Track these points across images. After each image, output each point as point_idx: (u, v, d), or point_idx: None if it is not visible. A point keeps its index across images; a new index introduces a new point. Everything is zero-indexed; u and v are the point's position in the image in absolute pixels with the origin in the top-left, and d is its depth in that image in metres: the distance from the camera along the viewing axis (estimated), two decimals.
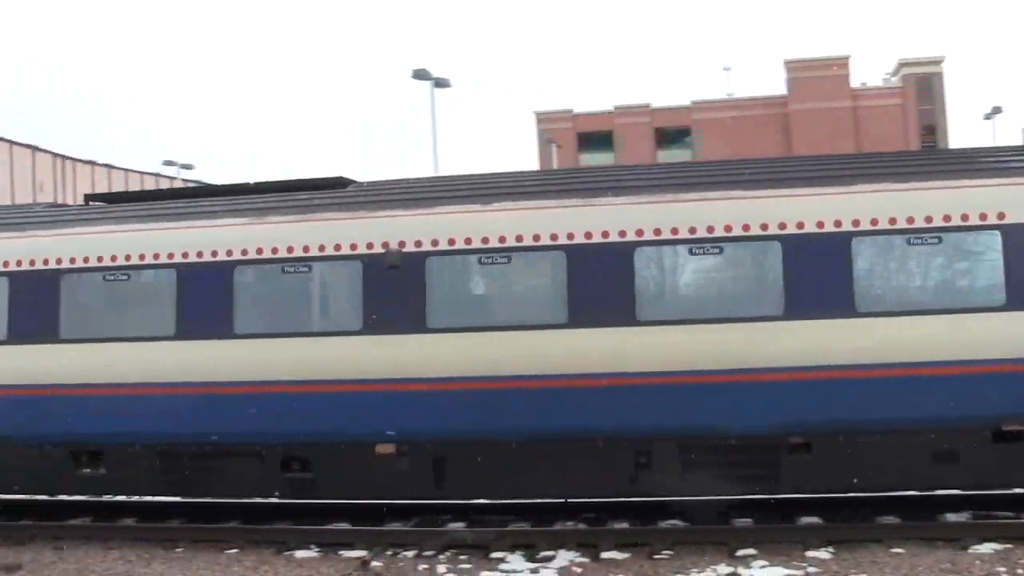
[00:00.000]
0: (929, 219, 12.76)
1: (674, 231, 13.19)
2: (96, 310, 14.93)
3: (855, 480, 13.17)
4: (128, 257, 14.42)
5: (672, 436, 13.09)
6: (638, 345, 13.05)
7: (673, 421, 12.97)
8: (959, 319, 12.59)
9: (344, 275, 13.93)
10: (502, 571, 12.28)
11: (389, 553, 13.04)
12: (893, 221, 12.86)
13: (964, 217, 12.71)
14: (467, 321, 13.53)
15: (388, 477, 13.78)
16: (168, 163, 46.68)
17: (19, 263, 14.73)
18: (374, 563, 12.65)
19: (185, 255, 14.22)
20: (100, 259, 14.52)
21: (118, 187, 46.26)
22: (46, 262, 14.71)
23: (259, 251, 14.05)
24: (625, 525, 13.96)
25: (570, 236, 13.33)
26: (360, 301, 13.65)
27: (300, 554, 13.58)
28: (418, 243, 13.58)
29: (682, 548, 12.84)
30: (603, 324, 13.08)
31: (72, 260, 14.63)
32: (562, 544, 12.94)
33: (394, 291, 13.55)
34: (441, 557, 12.86)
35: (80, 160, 44.70)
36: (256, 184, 15.86)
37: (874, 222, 12.87)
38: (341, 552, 13.26)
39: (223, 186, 16.83)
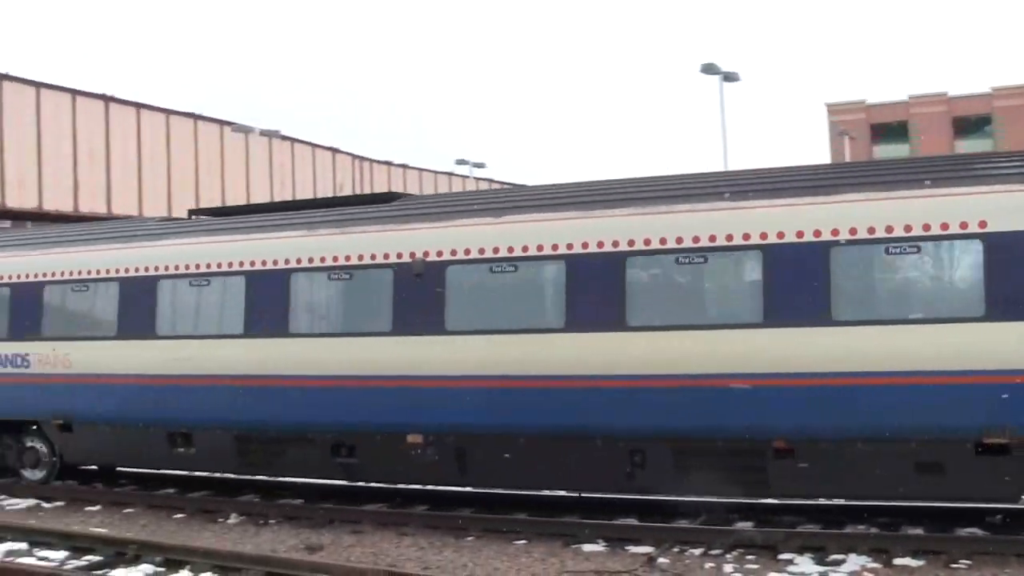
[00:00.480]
0: (908, 228, 12.70)
1: (663, 241, 13.71)
2: (184, 310, 16.87)
3: (838, 487, 13.53)
4: (208, 265, 16.38)
5: (665, 437, 13.52)
6: (628, 349, 13.56)
7: (665, 423, 13.38)
8: (937, 329, 12.56)
9: (379, 282, 15.13)
10: (790, 573, 11.88)
11: (676, 550, 12.81)
12: (871, 231, 12.87)
13: (943, 226, 12.60)
14: (481, 325, 14.49)
15: (417, 464, 15.02)
16: (461, 162, 47.85)
17: (127, 270, 17.11)
18: (660, 559, 12.44)
19: (252, 263, 16.11)
20: (187, 267, 16.55)
21: (413, 186, 47.57)
22: (147, 269, 16.92)
23: (310, 260, 15.63)
24: (920, 531, 13.37)
25: (569, 247, 14.12)
26: (390, 305, 14.89)
27: (588, 547, 13.52)
28: (439, 253, 14.74)
29: (981, 558, 12.07)
30: (597, 329, 13.77)
31: (166, 268, 16.75)
32: (853, 548, 12.40)
33: (419, 297, 14.70)
34: (728, 556, 12.53)
35: (377, 160, 46.29)
36: (315, 200, 18.28)
37: (852, 231, 12.92)
38: (628, 547, 13.12)
39: (288, 202, 19.00)
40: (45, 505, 18.57)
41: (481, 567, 13.03)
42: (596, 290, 13.82)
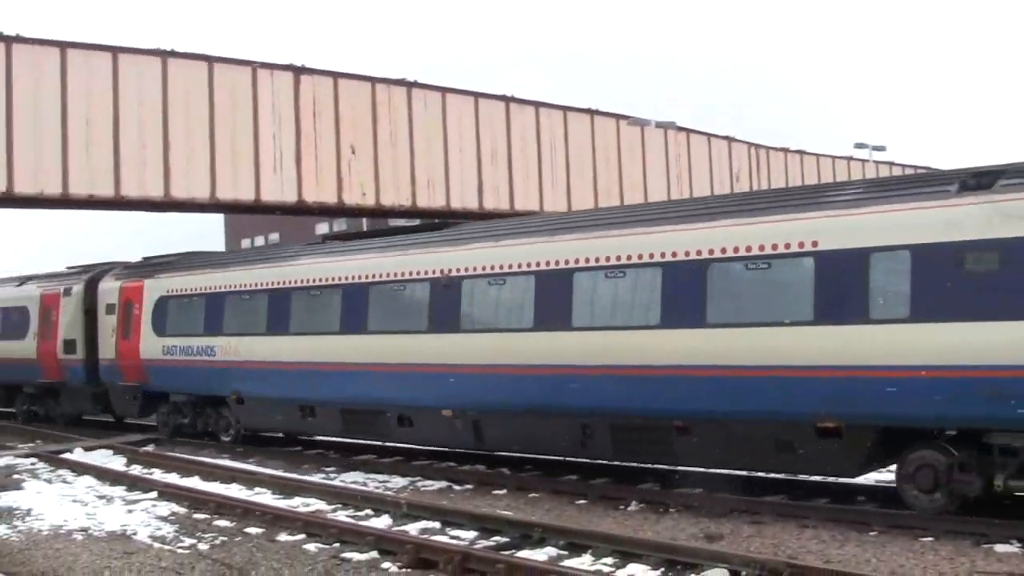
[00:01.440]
0: (761, 247, 15.97)
1: (597, 260, 18.08)
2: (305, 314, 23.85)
3: (723, 460, 17.11)
4: (321, 280, 23.36)
5: (606, 416, 17.93)
6: (574, 345, 18.11)
7: (605, 403, 17.74)
8: (779, 331, 15.63)
9: (422, 292, 21.04)
10: None
11: None
12: (736, 250, 16.26)
13: (787, 246, 15.70)
14: (483, 325, 19.96)
15: (449, 432, 20.88)
16: (860, 145, 45.96)
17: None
18: None
19: (345, 279, 22.72)
20: (306, 281, 23.81)
21: (810, 172, 46.11)
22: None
23: (385, 275, 21.93)
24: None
25: (538, 264, 18.95)
26: (428, 310, 20.83)
27: (1000, 548, 13.01)
28: (457, 270, 20.29)
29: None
30: (551, 328, 18.52)
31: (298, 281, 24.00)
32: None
33: (446, 303, 20.46)
34: None
35: (773, 148, 45.19)
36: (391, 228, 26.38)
37: (723, 251, 16.39)
38: None
39: (374, 231, 27.04)
40: (456, 487, 19.55)
41: (885, 563, 12.67)
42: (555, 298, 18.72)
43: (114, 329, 29.49)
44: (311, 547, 15.01)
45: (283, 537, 15.72)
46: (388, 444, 23.60)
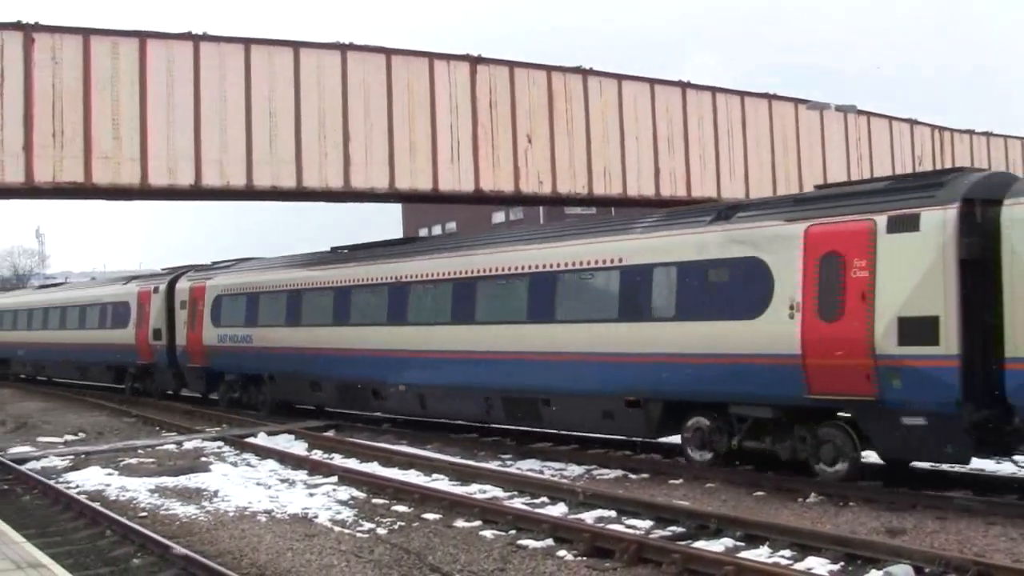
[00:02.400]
0: (589, 263, 21.87)
1: (492, 270, 24.31)
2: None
3: (573, 425, 23.16)
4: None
5: (502, 392, 23.92)
6: (476, 334, 24.55)
7: (505, 382, 23.71)
8: (597, 326, 21.44)
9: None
10: None
11: None
12: (574, 264, 22.18)
13: (603, 261, 21.51)
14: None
15: (404, 402, 27.27)
16: None
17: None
18: None
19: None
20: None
21: (997, 156, 44.26)
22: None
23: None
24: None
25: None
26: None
27: None
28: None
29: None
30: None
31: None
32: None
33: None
34: None
35: (957, 130, 43.51)
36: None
37: (566, 265, 22.33)
38: None
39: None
40: (631, 476, 19.51)
41: None
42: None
43: (185, 321, 36.65)
44: (487, 533, 15.13)
45: (460, 523, 15.89)
46: (562, 432, 23.69)
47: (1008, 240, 15.27)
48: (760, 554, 13.37)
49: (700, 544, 13.81)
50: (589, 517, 15.87)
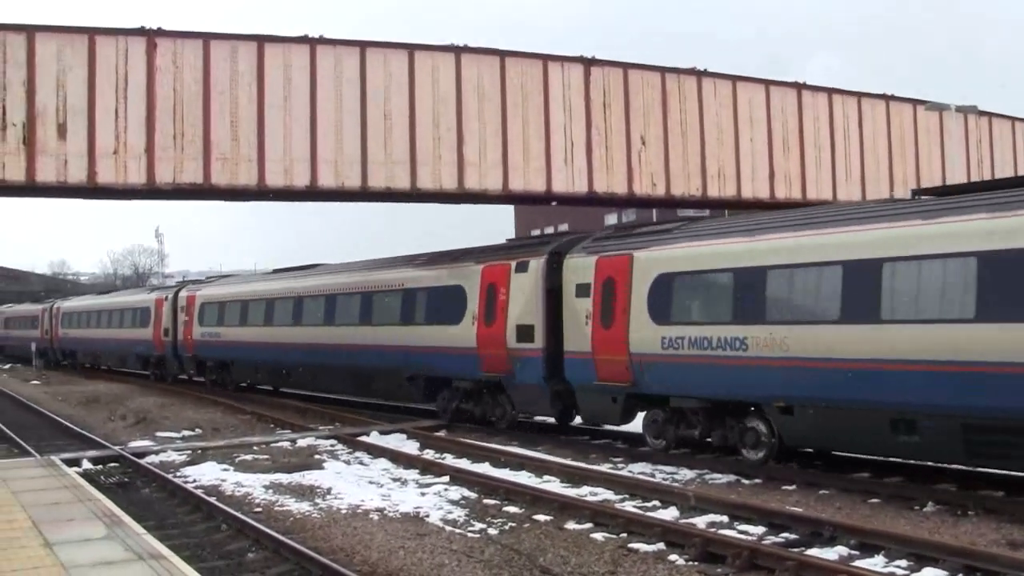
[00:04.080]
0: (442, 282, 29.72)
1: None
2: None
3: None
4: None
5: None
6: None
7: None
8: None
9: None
10: None
11: None
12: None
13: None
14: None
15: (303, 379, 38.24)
16: None
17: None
18: None
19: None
20: None
21: None
22: None
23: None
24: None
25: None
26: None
27: None
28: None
29: None
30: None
31: None
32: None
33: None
34: None
35: None
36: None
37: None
38: None
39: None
40: (744, 481, 19.27)
41: None
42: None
43: (183, 322, 47.70)
44: (598, 536, 15.08)
45: (571, 525, 15.86)
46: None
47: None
48: (875, 563, 13.13)
49: (814, 551, 13.60)
50: (701, 521, 15.73)
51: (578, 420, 26.58)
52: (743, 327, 19.66)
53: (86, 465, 22.65)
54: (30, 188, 25.15)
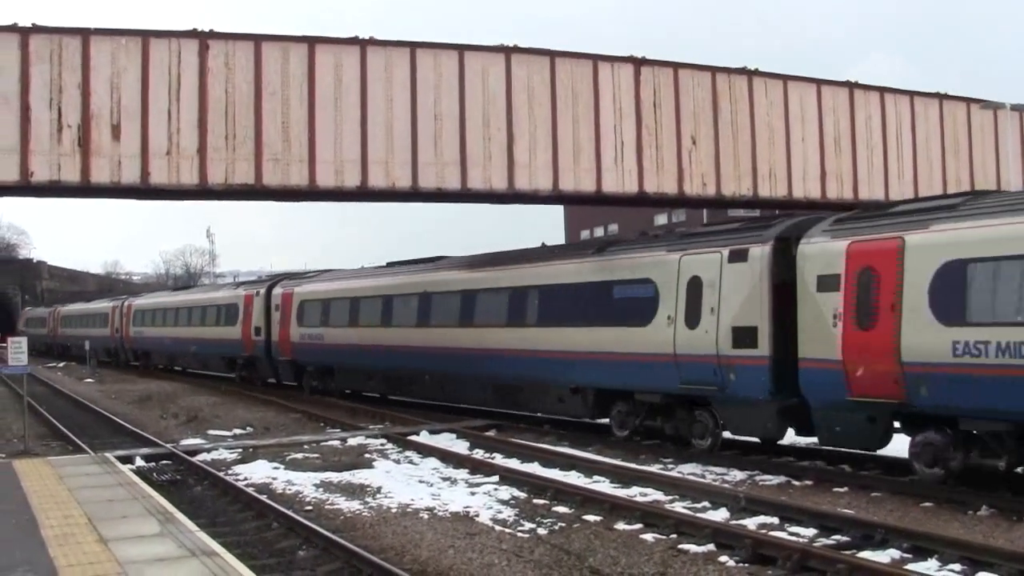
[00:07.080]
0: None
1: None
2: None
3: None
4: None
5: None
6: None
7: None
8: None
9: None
10: None
11: None
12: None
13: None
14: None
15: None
16: None
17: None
18: None
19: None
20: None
21: None
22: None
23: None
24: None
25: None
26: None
27: None
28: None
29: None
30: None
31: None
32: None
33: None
34: None
35: None
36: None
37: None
38: None
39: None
40: (795, 483, 19.16)
41: None
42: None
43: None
44: (648, 537, 15.06)
45: (620, 526, 15.84)
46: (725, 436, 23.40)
47: (272, 303, 29.02)
48: (929, 567, 13.01)
49: (866, 554, 13.51)
50: (751, 523, 15.67)
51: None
52: None
53: (139, 462, 22.92)
54: (85, 189, 25.43)
